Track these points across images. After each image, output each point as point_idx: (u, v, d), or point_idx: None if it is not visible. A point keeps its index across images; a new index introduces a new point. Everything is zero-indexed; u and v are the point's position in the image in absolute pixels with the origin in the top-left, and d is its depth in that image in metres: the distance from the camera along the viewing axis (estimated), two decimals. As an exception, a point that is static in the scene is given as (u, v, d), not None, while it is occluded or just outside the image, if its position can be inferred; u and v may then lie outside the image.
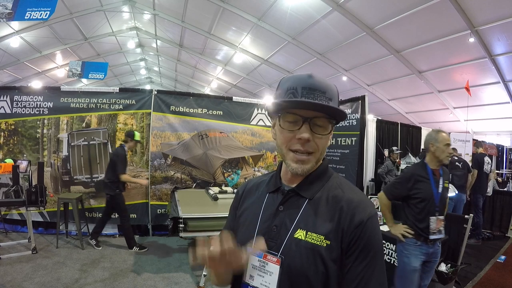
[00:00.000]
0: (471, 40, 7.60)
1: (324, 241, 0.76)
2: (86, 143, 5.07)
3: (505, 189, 7.69)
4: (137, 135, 4.55)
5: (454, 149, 5.68)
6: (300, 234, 0.78)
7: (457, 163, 5.51)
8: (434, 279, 3.10)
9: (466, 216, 3.63)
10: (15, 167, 4.02)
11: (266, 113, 5.42)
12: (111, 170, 4.36)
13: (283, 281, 0.77)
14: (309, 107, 0.77)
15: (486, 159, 5.77)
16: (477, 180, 5.54)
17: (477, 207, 5.54)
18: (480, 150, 5.94)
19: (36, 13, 5.48)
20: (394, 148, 5.82)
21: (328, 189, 0.84)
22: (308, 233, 0.77)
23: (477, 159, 5.72)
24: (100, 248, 4.41)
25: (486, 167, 5.69)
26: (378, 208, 4.03)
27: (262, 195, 0.91)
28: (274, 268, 0.79)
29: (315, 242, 0.76)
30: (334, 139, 5.34)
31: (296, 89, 0.77)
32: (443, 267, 3.19)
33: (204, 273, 3.48)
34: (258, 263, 0.81)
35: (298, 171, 0.80)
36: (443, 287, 3.07)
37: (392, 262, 3.35)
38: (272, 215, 0.84)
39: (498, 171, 8.94)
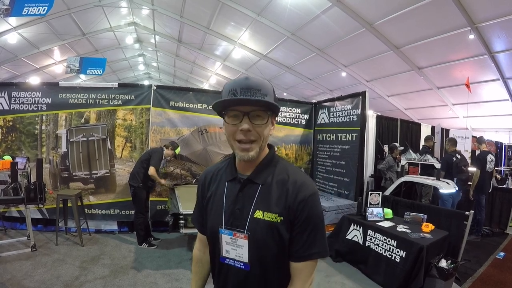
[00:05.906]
0: (471, 37, 7.59)
1: (278, 217, 0.96)
2: (85, 139, 5.03)
3: (504, 186, 7.70)
4: (178, 149, 4.78)
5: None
6: (258, 214, 0.97)
7: (463, 167, 5.17)
8: (434, 275, 3.12)
9: (466, 212, 3.65)
10: (14, 164, 3.97)
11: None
12: (143, 163, 4.40)
13: (251, 250, 0.98)
14: (246, 103, 0.92)
15: (489, 157, 5.40)
16: (480, 179, 5.24)
17: (480, 205, 5.31)
18: (483, 146, 5.53)
19: (34, 9, 5.43)
20: (397, 145, 5.81)
21: (277, 174, 1.02)
22: (265, 213, 0.97)
23: (479, 159, 5.36)
24: (156, 246, 4.44)
25: (490, 166, 5.35)
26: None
27: (222, 183, 1.07)
28: (243, 243, 0.99)
29: (271, 219, 0.96)
30: (334, 134, 5.32)
31: (236, 90, 0.92)
32: (443, 263, 3.21)
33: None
34: (230, 240, 1.01)
35: (245, 158, 0.96)
36: (444, 283, 3.08)
37: (393, 258, 3.36)
38: (234, 200, 1.02)
39: (496, 168, 8.93)
